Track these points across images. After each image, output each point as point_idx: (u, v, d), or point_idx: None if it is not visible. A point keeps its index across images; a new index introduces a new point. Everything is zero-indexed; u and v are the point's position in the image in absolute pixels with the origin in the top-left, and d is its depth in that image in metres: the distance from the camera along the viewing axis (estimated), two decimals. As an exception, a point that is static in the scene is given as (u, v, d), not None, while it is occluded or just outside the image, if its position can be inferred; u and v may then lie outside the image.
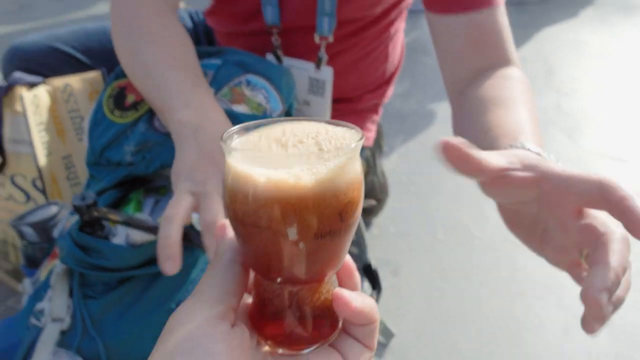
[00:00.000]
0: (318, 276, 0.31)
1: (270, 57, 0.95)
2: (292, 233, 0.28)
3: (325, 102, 0.96)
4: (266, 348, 0.32)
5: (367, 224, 1.45)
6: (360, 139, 0.29)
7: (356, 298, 0.30)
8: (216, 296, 0.29)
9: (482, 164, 0.41)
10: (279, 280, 0.31)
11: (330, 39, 0.91)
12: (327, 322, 0.32)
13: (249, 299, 0.34)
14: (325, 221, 0.28)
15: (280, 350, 0.32)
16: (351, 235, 0.31)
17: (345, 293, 0.30)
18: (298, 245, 0.28)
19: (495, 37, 0.76)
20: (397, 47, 1.07)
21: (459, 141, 0.40)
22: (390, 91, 1.12)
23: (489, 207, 1.35)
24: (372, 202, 1.41)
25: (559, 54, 2.75)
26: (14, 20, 3.28)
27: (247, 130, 0.31)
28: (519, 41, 2.81)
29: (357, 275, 0.35)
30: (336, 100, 1.00)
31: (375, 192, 1.40)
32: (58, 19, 3.32)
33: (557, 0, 3.52)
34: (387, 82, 1.09)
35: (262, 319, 0.32)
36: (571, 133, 1.97)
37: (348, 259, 0.34)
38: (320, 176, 0.27)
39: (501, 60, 0.76)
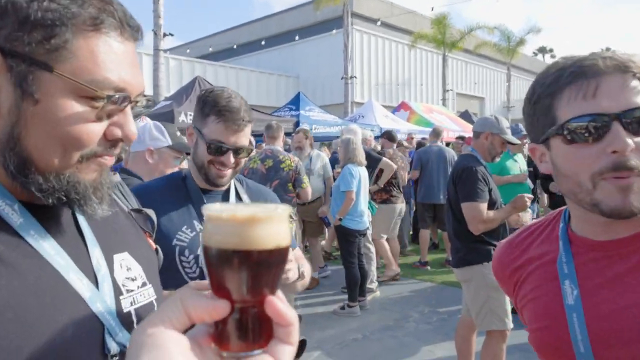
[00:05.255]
0: (258, 296, 0.46)
1: None
2: (240, 257, 0.45)
3: None
4: (223, 353, 0.47)
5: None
6: (287, 210, 0.48)
7: (282, 304, 0.46)
8: (174, 315, 0.44)
9: None
10: (233, 297, 0.46)
11: None
12: (263, 335, 0.48)
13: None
14: (261, 252, 0.45)
15: (225, 354, 0.47)
16: (280, 272, 0.48)
17: (275, 299, 0.47)
18: (245, 267, 0.45)
19: None
20: None
21: None
22: None
23: None
24: None
25: None
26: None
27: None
28: None
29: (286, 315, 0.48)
30: None
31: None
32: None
33: None
34: None
35: (218, 331, 0.47)
36: None
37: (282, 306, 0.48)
38: (257, 218, 0.45)
39: None
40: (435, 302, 5.75)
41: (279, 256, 0.47)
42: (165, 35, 12.55)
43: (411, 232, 9.05)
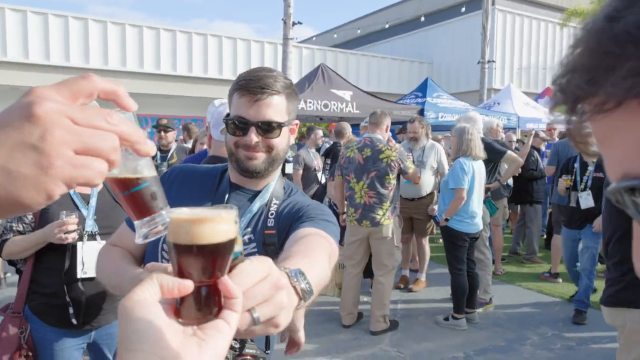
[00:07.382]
0: (212, 277, 0.58)
1: None
2: (197, 247, 0.57)
3: None
4: (180, 321, 0.59)
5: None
6: (233, 213, 0.61)
7: (231, 282, 0.58)
8: (152, 289, 0.56)
9: None
10: (194, 279, 0.58)
11: None
12: (215, 307, 0.59)
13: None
14: (214, 244, 0.57)
15: (180, 320, 0.58)
16: (229, 258, 0.60)
17: (226, 278, 0.58)
18: (200, 254, 0.57)
19: None
20: None
21: None
22: None
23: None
24: None
25: None
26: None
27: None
28: None
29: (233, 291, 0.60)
30: None
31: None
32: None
33: None
34: None
35: (180, 305, 0.58)
36: None
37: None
38: (208, 219, 0.58)
39: None
40: (561, 325, 4.85)
41: (227, 247, 0.59)
42: (294, 24, 12.71)
43: (544, 237, 7.95)
